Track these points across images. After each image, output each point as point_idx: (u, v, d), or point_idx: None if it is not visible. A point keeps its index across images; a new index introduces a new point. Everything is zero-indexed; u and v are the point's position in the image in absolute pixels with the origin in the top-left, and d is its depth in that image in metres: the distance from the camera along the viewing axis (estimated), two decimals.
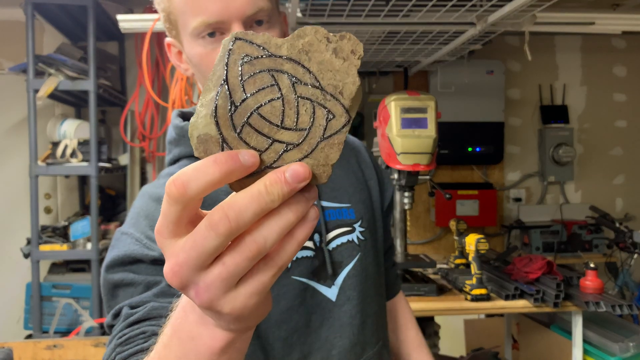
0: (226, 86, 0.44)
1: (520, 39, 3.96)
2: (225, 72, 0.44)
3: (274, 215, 0.42)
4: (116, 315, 0.78)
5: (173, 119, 0.95)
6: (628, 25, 2.76)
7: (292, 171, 0.42)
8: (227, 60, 0.44)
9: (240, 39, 0.44)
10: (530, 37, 2.43)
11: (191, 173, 0.41)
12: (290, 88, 0.44)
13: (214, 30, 0.83)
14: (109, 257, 0.82)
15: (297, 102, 0.44)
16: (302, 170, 0.42)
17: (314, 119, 0.44)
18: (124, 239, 0.82)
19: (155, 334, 0.69)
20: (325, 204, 0.92)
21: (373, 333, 0.93)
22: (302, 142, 0.44)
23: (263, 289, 0.44)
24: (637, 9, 3.44)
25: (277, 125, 0.44)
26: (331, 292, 0.89)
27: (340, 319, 0.88)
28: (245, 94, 0.44)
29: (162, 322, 0.67)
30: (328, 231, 0.90)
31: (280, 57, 0.44)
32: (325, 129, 0.44)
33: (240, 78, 0.44)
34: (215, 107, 0.44)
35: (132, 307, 0.76)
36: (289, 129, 0.44)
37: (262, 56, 0.44)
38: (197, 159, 0.47)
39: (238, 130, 0.44)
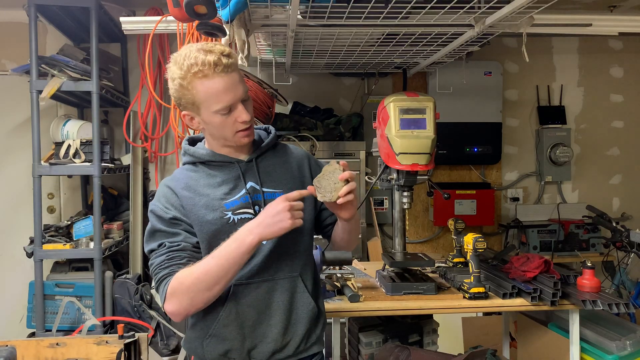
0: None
1: (517, 40, 3.99)
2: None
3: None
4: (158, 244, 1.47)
5: (183, 143, 1.61)
6: (625, 27, 2.79)
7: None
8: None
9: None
10: (528, 38, 2.46)
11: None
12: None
13: (230, 109, 1.44)
14: (151, 210, 1.51)
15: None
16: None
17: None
18: (155, 207, 1.49)
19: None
20: (265, 189, 1.53)
21: (286, 265, 1.51)
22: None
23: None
24: (634, 11, 3.48)
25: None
26: None
27: (264, 252, 1.49)
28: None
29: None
30: (265, 204, 1.48)
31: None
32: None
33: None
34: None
35: (170, 243, 1.46)
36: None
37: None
38: (191, 165, 1.56)
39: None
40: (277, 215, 1.34)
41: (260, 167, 1.55)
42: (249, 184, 1.51)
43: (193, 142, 1.61)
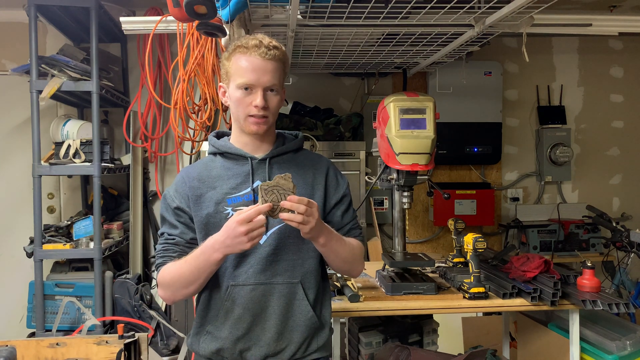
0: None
1: (517, 40, 4.00)
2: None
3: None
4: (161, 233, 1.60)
5: (210, 135, 1.69)
6: (625, 27, 2.79)
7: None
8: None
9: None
10: (528, 38, 2.46)
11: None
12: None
13: (248, 87, 1.51)
14: (164, 195, 1.62)
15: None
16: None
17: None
18: (167, 193, 1.60)
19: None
20: None
21: (286, 270, 1.54)
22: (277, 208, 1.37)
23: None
24: (634, 11, 3.48)
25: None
26: (261, 240, 1.50)
27: (262, 253, 1.53)
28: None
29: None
30: None
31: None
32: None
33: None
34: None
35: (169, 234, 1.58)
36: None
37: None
38: (212, 155, 1.65)
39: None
40: (236, 238, 1.37)
41: (274, 168, 1.57)
42: (256, 183, 1.53)
43: (222, 135, 1.70)
